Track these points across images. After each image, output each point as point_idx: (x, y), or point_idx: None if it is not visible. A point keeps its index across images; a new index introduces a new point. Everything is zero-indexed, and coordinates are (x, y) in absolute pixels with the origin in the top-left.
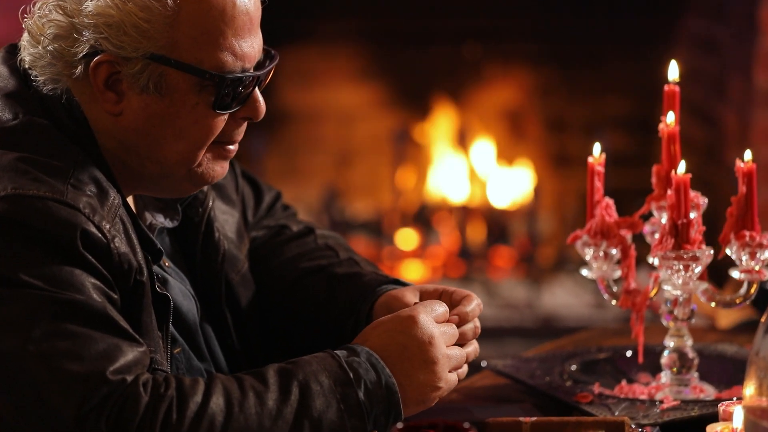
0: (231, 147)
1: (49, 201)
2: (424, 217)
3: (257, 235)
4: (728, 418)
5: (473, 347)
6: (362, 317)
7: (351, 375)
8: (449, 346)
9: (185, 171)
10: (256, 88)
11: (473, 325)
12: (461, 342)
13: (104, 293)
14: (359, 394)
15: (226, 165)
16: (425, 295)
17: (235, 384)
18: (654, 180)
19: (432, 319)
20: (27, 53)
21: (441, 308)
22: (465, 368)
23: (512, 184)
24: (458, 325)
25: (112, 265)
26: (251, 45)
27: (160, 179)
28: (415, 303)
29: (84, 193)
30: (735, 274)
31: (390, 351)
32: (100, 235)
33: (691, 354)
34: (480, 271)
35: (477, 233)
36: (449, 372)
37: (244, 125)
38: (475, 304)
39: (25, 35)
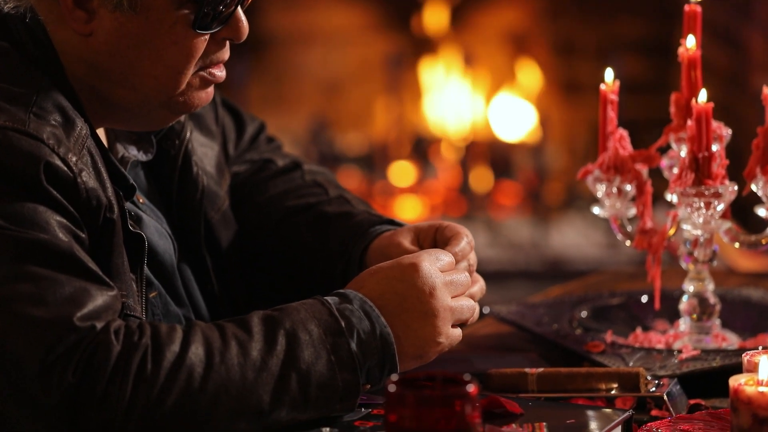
0: (218, 73)
1: (9, 131)
2: (421, 150)
3: (239, 170)
4: (753, 369)
5: (479, 286)
6: (354, 261)
7: (342, 324)
8: (456, 297)
9: (165, 98)
10: (239, 7)
11: (466, 264)
12: None
13: (71, 232)
14: (351, 345)
15: (211, 91)
16: (422, 234)
17: (216, 332)
18: (672, 109)
19: (436, 268)
20: None
21: (446, 257)
22: (476, 315)
23: (517, 114)
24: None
25: (80, 201)
26: None
27: (136, 108)
28: (419, 250)
29: (48, 122)
30: (761, 212)
31: (387, 300)
32: (65, 168)
33: (712, 299)
34: (482, 209)
35: (479, 168)
36: (452, 326)
37: (227, 47)
38: (464, 242)
39: None
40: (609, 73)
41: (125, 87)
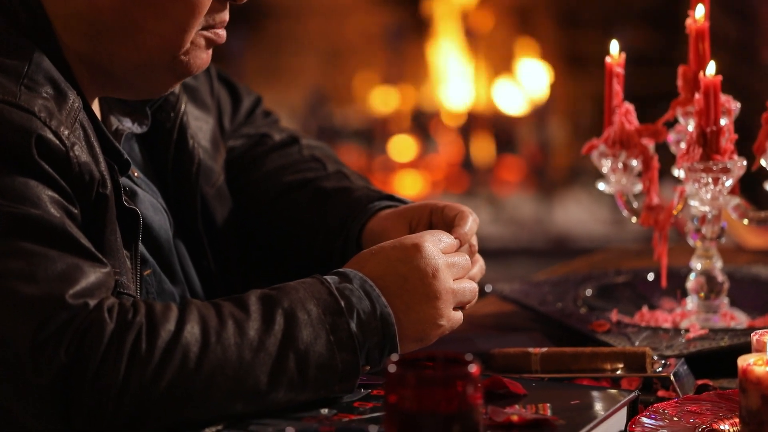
0: (221, 32)
1: (0, 104)
2: (421, 124)
3: (235, 144)
4: (762, 348)
5: (478, 266)
6: (352, 238)
7: (342, 303)
8: (458, 279)
9: (169, 58)
10: None
11: (467, 246)
12: None
13: (63, 207)
14: (351, 325)
15: (210, 54)
16: (414, 219)
17: (213, 311)
18: (680, 82)
19: (439, 249)
20: None
21: (448, 239)
22: (474, 300)
23: (520, 87)
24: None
25: (72, 176)
26: None
27: (137, 71)
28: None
29: (39, 95)
30: None
31: (389, 281)
32: (57, 142)
33: (720, 277)
34: (484, 184)
35: (481, 142)
36: (454, 308)
37: (227, 8)
38: (470, 221)
39: None
40: (614, 46)
41: (129, 47)
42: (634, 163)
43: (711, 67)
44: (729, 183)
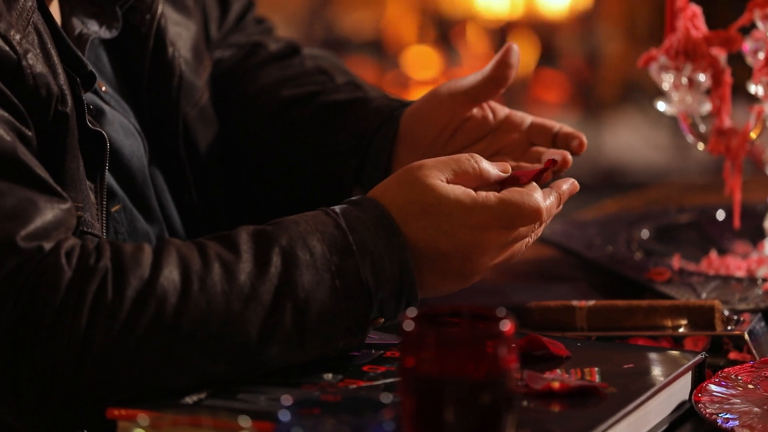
0: None
1: None
2: (443, 33)
3: (223, 55)
4: None
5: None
6: (374, 155)
7: (351, 239)
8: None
9: None
10: None
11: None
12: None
13: (14, 129)
14: (361, 269)
15: None
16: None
17: (196, 252)
18: None
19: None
20: None
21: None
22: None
23: None
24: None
25: (25, 90)
26: None
27: None
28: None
29: None
30: None
31: (423, 251)
32: (7, 48)
33: None
34: (520, 104)
35: None
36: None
37: None
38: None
39: None
40: None
41: None
42: (702, 77)
43: None
44: None
